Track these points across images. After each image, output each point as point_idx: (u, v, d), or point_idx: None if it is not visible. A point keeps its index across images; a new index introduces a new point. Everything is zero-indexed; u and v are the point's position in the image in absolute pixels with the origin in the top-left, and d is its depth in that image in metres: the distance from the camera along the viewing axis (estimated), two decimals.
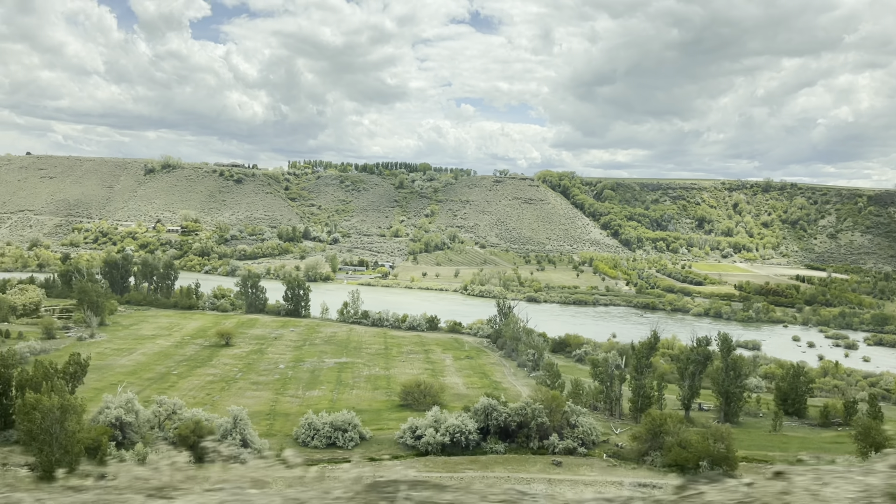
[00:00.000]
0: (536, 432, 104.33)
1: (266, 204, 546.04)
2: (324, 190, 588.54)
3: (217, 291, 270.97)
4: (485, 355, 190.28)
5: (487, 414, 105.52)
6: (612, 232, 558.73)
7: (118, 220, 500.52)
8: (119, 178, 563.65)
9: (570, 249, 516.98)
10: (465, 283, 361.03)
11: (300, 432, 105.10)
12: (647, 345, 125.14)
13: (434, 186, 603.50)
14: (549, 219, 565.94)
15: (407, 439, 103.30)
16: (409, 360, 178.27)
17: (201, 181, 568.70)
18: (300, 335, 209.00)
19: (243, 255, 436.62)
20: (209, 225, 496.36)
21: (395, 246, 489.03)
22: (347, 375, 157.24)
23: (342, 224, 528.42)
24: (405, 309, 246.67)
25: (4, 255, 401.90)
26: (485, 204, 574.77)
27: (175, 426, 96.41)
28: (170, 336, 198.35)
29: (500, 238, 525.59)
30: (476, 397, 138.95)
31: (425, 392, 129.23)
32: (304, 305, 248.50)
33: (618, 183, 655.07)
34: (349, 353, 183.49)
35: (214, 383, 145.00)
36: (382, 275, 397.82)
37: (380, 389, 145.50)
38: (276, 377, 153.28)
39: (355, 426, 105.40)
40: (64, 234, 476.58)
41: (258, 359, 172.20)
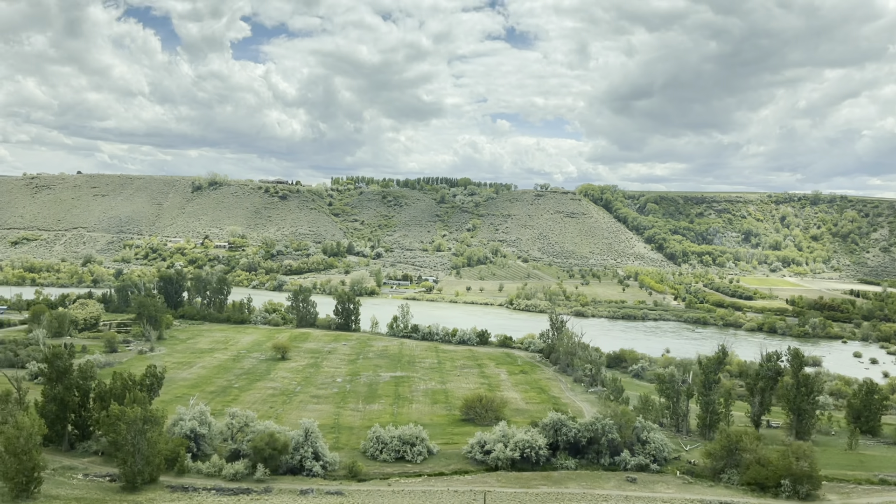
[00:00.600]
0: (607, 448, 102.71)
1: (310, 219, 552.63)
2: (366, 205, 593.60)
3: (268, 306, 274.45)
4: (539, 370, 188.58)
5: (556, 429, 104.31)
6: (656, 246, 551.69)
7: (167, 237, 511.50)
8: (167, 196, 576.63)
9: (614, 263, 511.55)
10: (510, 297, 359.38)
11: (368, 446, 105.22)
12: (714, 360, 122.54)
13: (475, 201, 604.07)
14: (592, 233, 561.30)
15: (476, 454, 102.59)
16: (464, 374, 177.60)
17: (247, 197, 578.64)
18: (353, 349, 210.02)
19: (289, 270, 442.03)
20: (255, 240, 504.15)
21: (437, 260, 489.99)
22: (405, 389, 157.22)
23: (385, 239, 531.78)
24: (452, 323, 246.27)
25: (60, 271, 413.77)
26: (526, 218, 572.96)
27: (248, 438, 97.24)
28: (226, 350, 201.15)
29: (542, 252, 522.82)
30: (536, 412, 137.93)
31: (487, 407, 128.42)
32: (354, 320, 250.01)
33: (661, 196, 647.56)
34: (403, 367, 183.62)
35: (276, 396, 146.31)
36: (427, 289, 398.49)
37: (439, 403, 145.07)
38: (335, 391, 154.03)
39: (423, 440, 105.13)
40: (115, 250, 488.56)
41: (315, 372, 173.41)
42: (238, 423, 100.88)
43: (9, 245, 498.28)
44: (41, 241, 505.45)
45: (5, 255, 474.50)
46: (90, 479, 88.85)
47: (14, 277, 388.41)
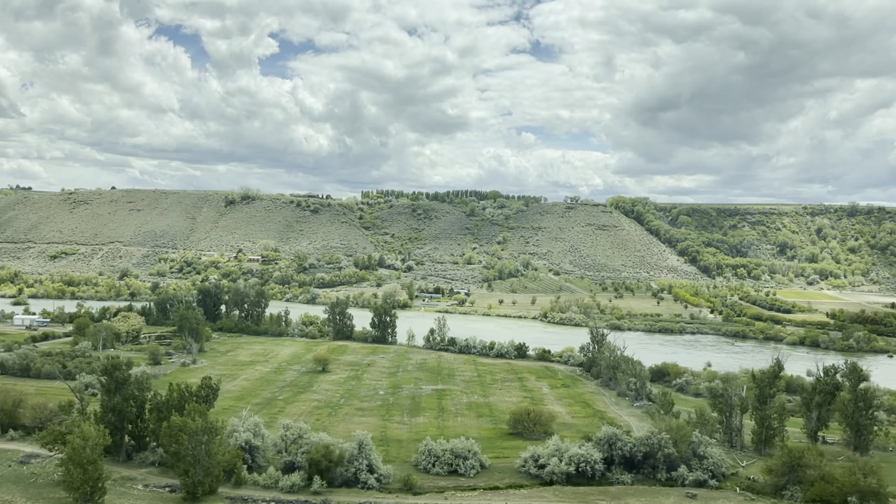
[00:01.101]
0: (664, 463, 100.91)
1: (341, 233, 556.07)
2: (396, 218, 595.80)
3: (305, 318, 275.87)
4: (581, 384, 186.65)
5: (611, 444, 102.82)
6: (689, 258, 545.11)
7: (201, 251, 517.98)
8: (201, 210, 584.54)
9: (647, 276, 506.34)
10: (543, 310, 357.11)
11: (420, 459, 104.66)
12: (769, 374, 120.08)
13: (505, 214, 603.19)
14: (624, 245, 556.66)
15: (529, 468, 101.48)
16: (506, 387, 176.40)
17: (278, 211, 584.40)
18: (392, 362, 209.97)
19: (322, 283, 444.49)
20: (288, 254, 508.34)
21: (468, 273, 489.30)
22: (448, 402, 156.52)
23: (415, 252, 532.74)
24: (487, 336, 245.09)
25: (98, 285, 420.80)
26: (557, 230, 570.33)
27: (303, 450, 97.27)
28: (267, 362, 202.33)
29: (574, 265, 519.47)
30: (583, 427, 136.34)
31: (535, 421, 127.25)
32: (391, 332, 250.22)
33: (693, 208, 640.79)
34: (444, 380, 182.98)
35: (321, 408, 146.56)
36: (459, 302, 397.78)
37: (484, 417, 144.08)
38: (379, 403, 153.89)
39: (475, 453, 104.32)
40: (151, 264, 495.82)
41: (357, 385, 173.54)
42: (292, 434, 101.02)
43: (48, 259, 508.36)
44: (79, 255, 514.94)
45: (45, 268, 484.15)
46: (150, 489, 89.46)
47: (54, 291, 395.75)
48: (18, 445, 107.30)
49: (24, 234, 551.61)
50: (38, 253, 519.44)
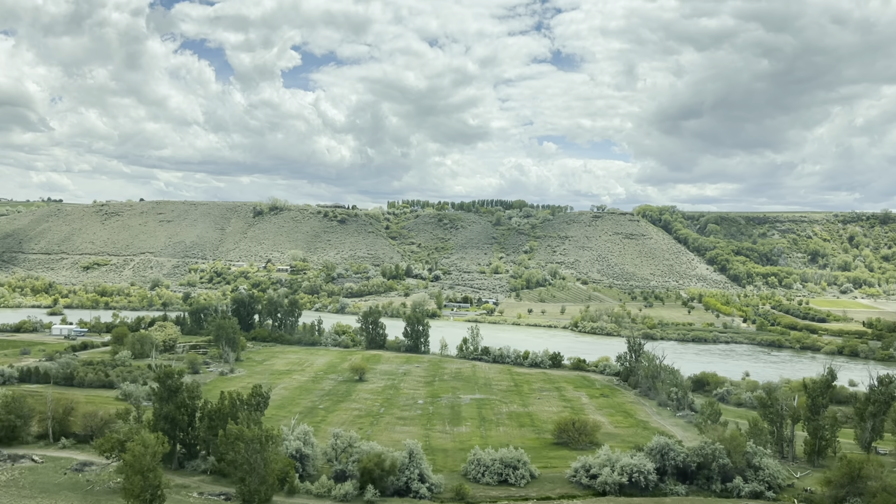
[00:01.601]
0: (718, 474, 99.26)
1: (368, 243, 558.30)
2: (422, 228, 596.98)
3: (337, 328, 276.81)
4: (619, 394, 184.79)
5: (663, 454, 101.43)
6: (718, 267, 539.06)
7: (230, 261, 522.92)
8: (230, 221, 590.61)
9: (676, 286, 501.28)
10: (574, 319, 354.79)
11: (469, 468, 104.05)
12: (822, 383, 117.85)
13: (531, 223, 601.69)
14: (652, 254, 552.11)
15: (581, 478, 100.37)
16: (545, 397, 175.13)
17: (306, 222, 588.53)
18: (427, 371, 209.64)
19: (350, 293, 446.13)
20: (316, 264, 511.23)
21: (495, 283, 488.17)
22: (488, 412, 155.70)
23: (442, 261, 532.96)
24: (518, 345, 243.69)
25: (131, 295, 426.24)
26: (584, 240, 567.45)
27: (354, 459, 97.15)
28: (303, 371, 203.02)
29: (601, 274, 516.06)
30: (627, 437, 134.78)
31: (580, 430, 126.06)
32: (424, 342, 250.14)
33: (721, 217, 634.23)
34: (481, 390, 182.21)
35: (362, 417, 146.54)
36: (488, 311, 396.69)
37: (526, 427, 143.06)
38: (419, 412, 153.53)
39: (525, 463, 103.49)
40: (181, 274, 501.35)
41: (395, 394, 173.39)
42: (342, 443, 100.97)
43: (81, 270, 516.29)
44: (111, 265, 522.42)
45: (78, 279, 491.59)
46: (205, 497, 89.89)
47: (88, 301, 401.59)
48: (71, 453, 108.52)
49: (57, 245, 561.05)
50: (72, 264, 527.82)
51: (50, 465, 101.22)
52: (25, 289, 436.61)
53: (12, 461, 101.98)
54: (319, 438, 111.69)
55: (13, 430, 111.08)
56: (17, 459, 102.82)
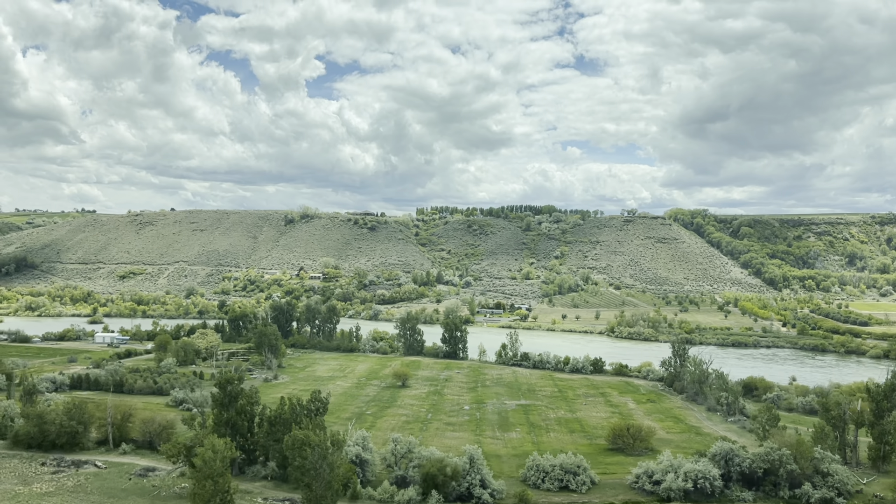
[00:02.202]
0: (786, 480, 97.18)
1: (398, 250, 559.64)
2: (452, 234, 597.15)
3: (375, 334, 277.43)
4: (666, 399, 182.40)
5: (727, 459, 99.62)
6: (753, 271, 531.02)
7: (263, 269, 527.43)
8: (261, 229, 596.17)
9: (711, 290, 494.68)
10: (610, 325, 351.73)
11: (529, 474, 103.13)
12: (887, 387, 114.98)
13: (561, 228, 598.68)
14: (685, 258, 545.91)
15: (644, 484, 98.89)
16: (591, 403, 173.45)
17: (336, 229, 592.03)
18: (468, 377, 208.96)
19: (382, 300, 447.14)
20: (347, 271, 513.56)
21: (527, 288, 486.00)
22: (536, 418, 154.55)
23: (472, 267, 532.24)
24: (555, 351, 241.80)
25: (167, 303, 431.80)
26: (616, 244, 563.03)
27: (414, 465, 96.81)
28: (345, 377, 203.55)
29: (634, 279, 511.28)
30: (680, 442, 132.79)
31: (635, 436, 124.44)
32: (462, 348, 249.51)
33: (755, 220, 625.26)
34: (525, 396, 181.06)
35: (410, 423, 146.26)
36: (521, 317, 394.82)
37: (576, 433, 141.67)
38: (466, 418, 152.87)
39: (585, 469, 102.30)
40: (215, 282, 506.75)
41: (439, 400, 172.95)
42: (401, 448, 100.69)
43: (117, 279, 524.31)
44: (146, 274, 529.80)
45: (114, 288, 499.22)
46: (270, 502, 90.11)
47: (126, 310, 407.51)
48: (132, 459, 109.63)
49: (93, 255, 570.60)
50: (108, 273, 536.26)
51: (114, 470, 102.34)
52: (65, 298, 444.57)
53: (76, 467, 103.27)
54: (389, 444, 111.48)
55: (74, 436, 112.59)
56: (80, 465, 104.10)
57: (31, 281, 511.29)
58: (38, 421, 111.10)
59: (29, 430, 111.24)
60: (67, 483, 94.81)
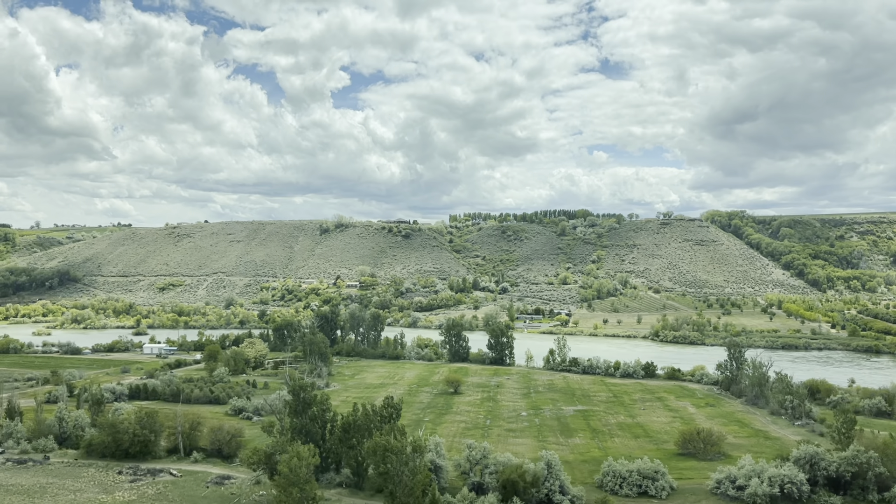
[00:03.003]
0: (874, 483, 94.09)
1: (433, 257, 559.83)
2: (486, 241, 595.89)
3: (419, 341, 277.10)
4: (724, 403, 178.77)
5: (812, 463, 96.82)
6: (795, 272, 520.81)
7: (300, 278, 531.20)
8: (297, 239, 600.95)
9: (752, 292, 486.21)
10: (654, 328, 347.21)
11: (605, 480, 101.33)
12: None
13: (597, 232, 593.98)
14: (725, 260, 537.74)
15: (726, 489, 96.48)
16: (649, 408, 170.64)
17: (371, 238, 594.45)
18: (519, 383, 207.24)
19: (420, 307, 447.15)
20: (383, 279, 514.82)
21: (564, 293, 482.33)
22: (596, 423, 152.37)
23: (508, 273, 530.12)
24: (600, 356, 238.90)
25: (207, 314, 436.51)
26: (653, 247, 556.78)
27: (491, 471, 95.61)
28: (395, 385, 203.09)
29: (673, 282, 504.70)
30: (750, 447, 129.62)
31: (706, 441, 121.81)
32: (508, 354, 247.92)
33: (795, 220, 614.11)
34: (580, 401, 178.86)
35: (470, 429, 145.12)
36: (562, 322, 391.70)
37: (641, 438, 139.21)
38: (526, 424, 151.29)
39: (664, 474, 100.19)
40: (253, 292, 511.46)
41: (495, 406, 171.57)
42: (476, 454, 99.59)
43: (157, 291, 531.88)
44: (185, 286, 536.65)
45: (155, 300, 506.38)
46: None
47: (168, 321, 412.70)
48: (204, 467, 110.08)
49: (133, 267, 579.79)
50: (148, 285, 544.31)
51: (189, 478, 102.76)
52: (108, 310, 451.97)
53: (152, 475, 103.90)
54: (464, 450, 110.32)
55: (146, 445, 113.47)
56: (156, 474, 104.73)
57: (74, 294, 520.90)
58: (111, 430, 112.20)
59: (103, 439, 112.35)
60: (148, 491, 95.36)
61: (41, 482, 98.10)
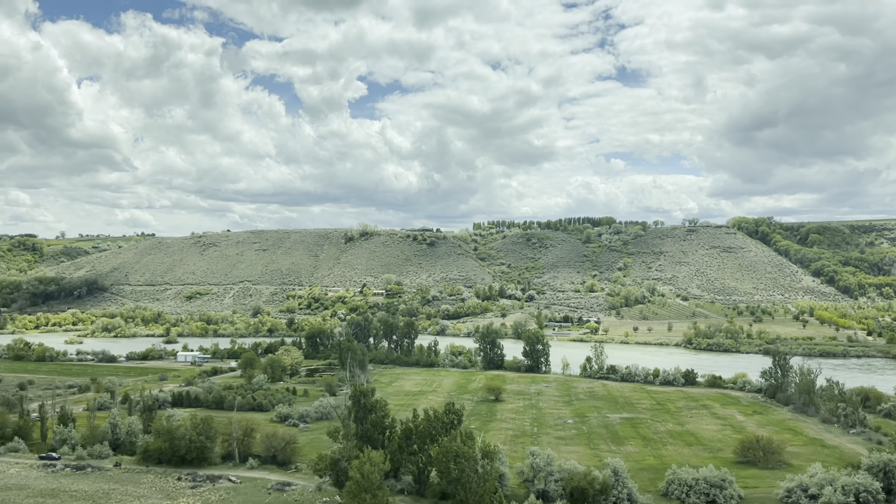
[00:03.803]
0: None
1: (458, 265, 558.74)
2: (511, 248, 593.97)
3: (453, 349, 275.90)
4: (772, 411, 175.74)
5: (886, 471, 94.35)
6: (826, 279, 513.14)
7: (326, 286, 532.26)
8: (322, 248, 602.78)
9: (782, 299, 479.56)
10: (687, 336, 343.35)
11: (671, 488, 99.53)
12: None
13: (622, 239, 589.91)
14: (753, 267, 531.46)
15: (798, 498, 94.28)
16: (696, 415, 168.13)
17: (396, 246, 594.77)
18: (559, 391, 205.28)
19: (447, 315, 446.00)
20: (409, 287, 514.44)
21: (591, 301, 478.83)
22: (646, 431, 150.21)
23: (534, 281, 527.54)
24: (634, 363, 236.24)
25: (235, 322, 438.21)
26: (680, 254, 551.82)
27: (556, 478, 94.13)
28: (435, 392, 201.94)
29: (701, 289, 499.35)
30: (809, 455, 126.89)
31: (766, 449, 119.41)
32: (544, 361, 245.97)
33: (823, 227, 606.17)
34: (624, 409, 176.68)
35: (520, 437, 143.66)
36: (592, 330, 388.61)
37: (694, 446, 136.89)
38: (574, 432, 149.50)
39: (731, 482, 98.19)
40: (280, 301, 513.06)
41: (539, 414, 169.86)
42: (540, 462, 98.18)
43: (184, 299, 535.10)
44: (212, 294, 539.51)
45: (182, 308, 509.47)
46: None
47: (197, 329, 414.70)
48: (260, 473, 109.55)
49: (160, 276, 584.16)
50: (175, 294, 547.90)
51: (249, 485, 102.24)
52: (136, 319, 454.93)
53: (211, 482, 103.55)
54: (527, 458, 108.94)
55: (202, 451, 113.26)
56: (215, 480, 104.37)
57: (102, 303, 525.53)
58: (168, 436, 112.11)
59: (160, 445, 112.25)
60: (211, 498, 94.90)
61: (103, 488, 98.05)
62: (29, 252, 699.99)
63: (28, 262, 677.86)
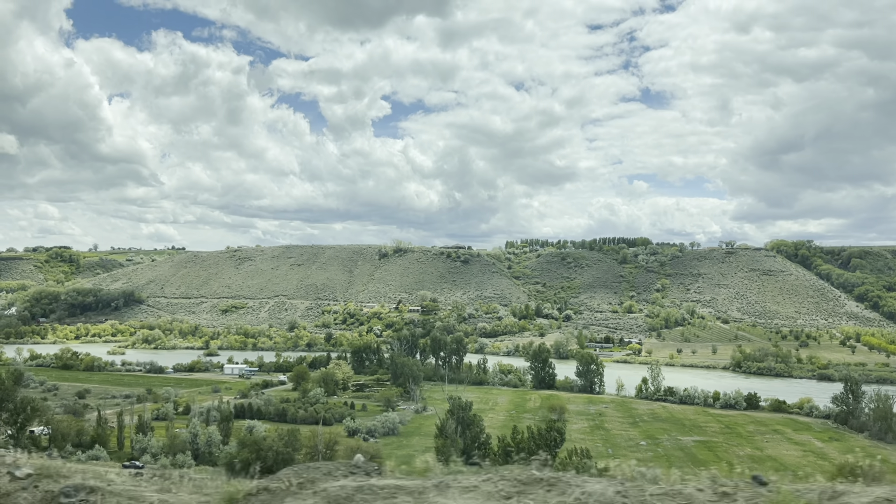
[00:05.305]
0: None
1: (493, 283, 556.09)
2: (545, 268, 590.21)
3: (501, 367, 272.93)
4: (848, 437, 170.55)
5: None
6: (870, 304, 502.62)
7: (361, 302, 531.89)
8: (356, 263, 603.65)
9: (826, 324, 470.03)
10: (735, 359, 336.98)
11: None
12: None
13: (659, 260, 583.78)
14: (794, 291, 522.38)
15: None
16: (772, 440, 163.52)
17: (430, 263, 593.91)
18: (619, 412, 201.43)
19: (483, 333, 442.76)
20: (444, 304, 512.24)
21: (630, 322, 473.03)
22: (724, 455, 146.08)
23: (570, 301, 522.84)
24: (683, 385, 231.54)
25: (273, 337, 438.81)
26: (719, 277, 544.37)
27: None
28: (494, 410, 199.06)
29: (742, 312, 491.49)
30: None
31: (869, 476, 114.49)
32: (599, 382, 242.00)
33: (865, 251, 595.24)
34: (693, 432, 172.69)
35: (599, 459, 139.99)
36: (635, 351, 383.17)
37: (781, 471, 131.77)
38: (650, 454, 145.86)
39: None
40: (315, 316, 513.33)
41: (608, 435, 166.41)
42: None
43: (220, 313, 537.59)
44: (247, 308, 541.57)
45: (218, 321, 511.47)
46: None
47: (236, 343, 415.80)
48: None
49: (195, 289, 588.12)
50: (210, 307, 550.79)
51: None
52: (174, 331, 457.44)
53: None
54: None
55: (287, 463, 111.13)
56: None
57: (139, 315, 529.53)
58: (254, 447, 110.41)
59: (246, 456, 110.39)
60: None
61: (199, 500, 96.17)
62: (66, 263, 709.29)
63: (65, 273, 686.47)
